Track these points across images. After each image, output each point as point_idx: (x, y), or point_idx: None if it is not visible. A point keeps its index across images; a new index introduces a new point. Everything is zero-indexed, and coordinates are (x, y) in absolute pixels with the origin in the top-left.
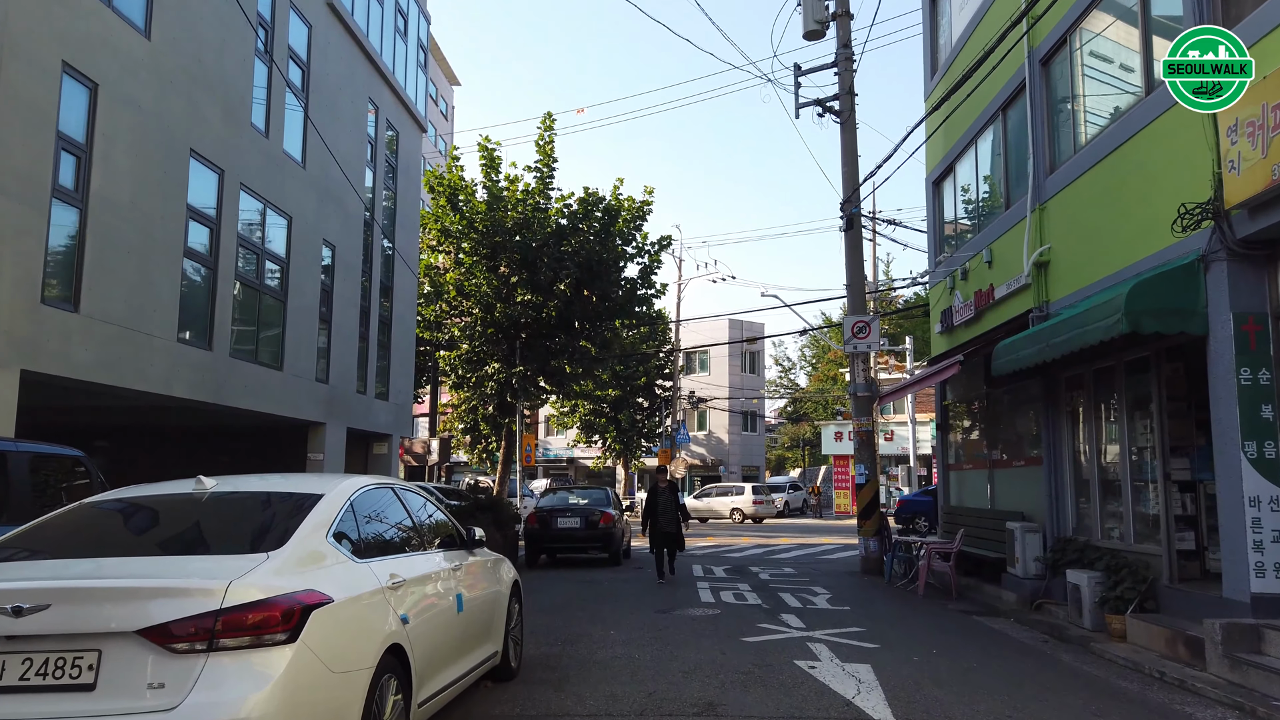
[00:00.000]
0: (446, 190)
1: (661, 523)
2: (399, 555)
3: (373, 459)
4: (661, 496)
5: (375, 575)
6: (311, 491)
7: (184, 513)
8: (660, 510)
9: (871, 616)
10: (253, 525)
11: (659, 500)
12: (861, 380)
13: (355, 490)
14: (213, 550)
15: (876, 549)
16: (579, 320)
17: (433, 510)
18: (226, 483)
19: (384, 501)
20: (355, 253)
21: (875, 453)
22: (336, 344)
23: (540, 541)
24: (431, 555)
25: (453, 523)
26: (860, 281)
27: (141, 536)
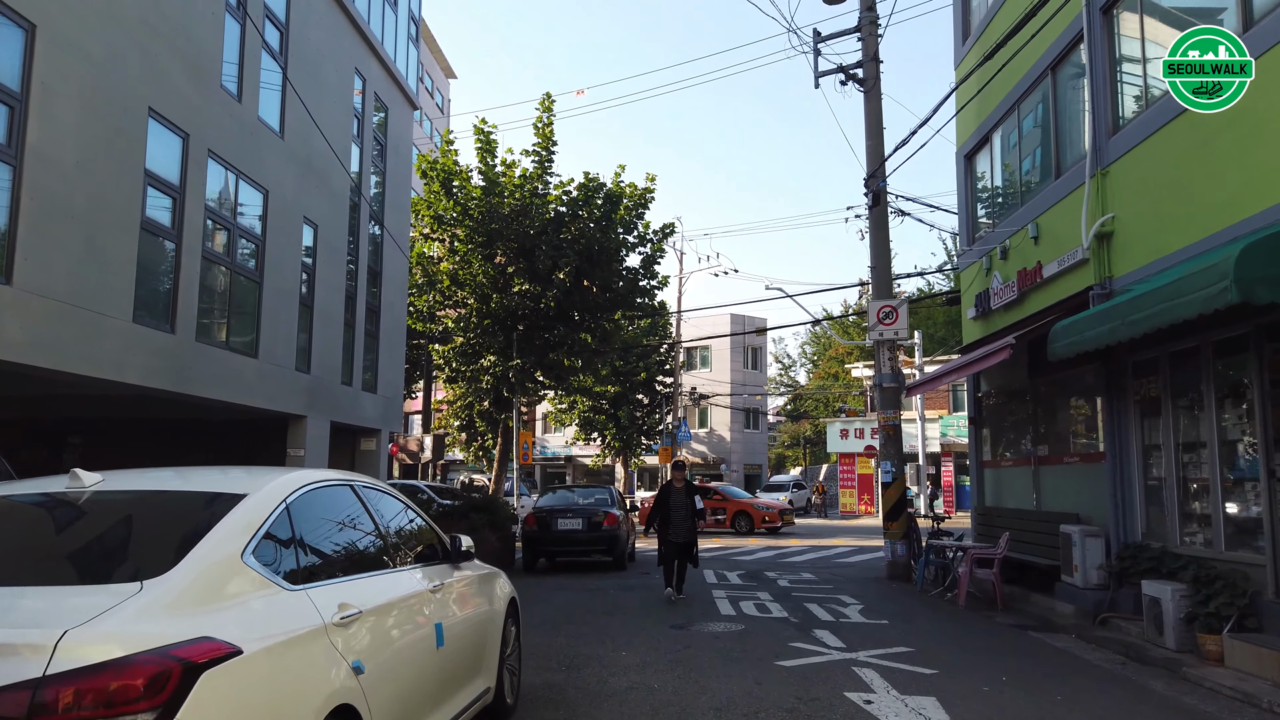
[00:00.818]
0: (440, 175)
1: (674, 531)
2: (356, 577)
3: (360, 455)
4: (675, 498)
5: (315, 608)
6: (231, 491)
7: (45, 522)
8: (673, 515)
9: (916, 633)
10: (137, 540)
11: (672, 503)
12: (888, 370)
13: (295, 489)
14: (66, 578)
15: (904, 553)
16: (578, 311)
17: (409, 516)
18: (116, 479)
19: (338, 505)
20: (340, 234)
21: (902, 448)
22: (319, 331)
23: (539, 544)
24: (403, 574)
25: (434, 530)
26: (886, 263)
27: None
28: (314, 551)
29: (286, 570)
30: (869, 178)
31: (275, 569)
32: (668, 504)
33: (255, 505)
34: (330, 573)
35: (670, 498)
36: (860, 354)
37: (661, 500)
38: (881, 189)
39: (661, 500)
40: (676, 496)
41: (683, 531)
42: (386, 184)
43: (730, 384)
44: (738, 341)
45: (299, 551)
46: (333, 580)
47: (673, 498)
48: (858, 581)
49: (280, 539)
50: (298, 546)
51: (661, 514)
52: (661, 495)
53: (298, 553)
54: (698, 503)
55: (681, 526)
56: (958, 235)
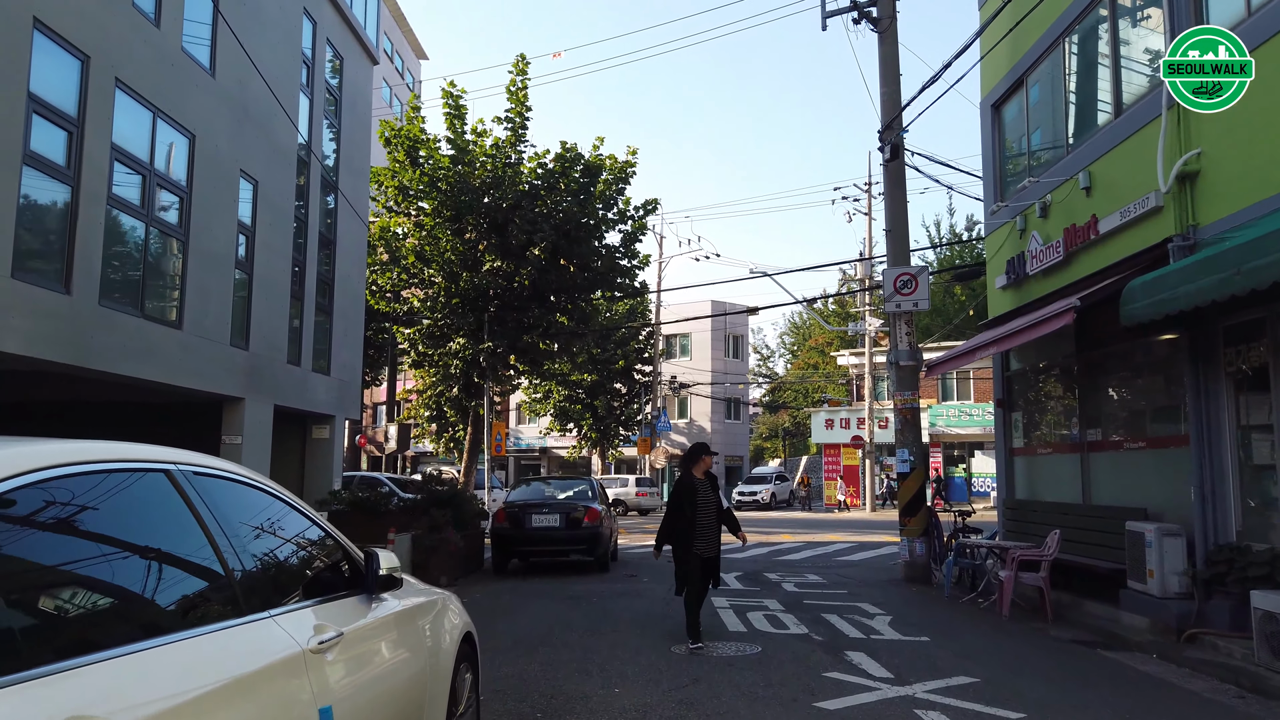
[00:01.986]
0: (405, 144)
1: (701, 542)
2: (123, 652)
3: (312, 444)
4: (701, 496)
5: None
6: None
7: None
8: (699, 519)
9: (969, 654)
10: None
11: (698, 501)
12: (905, 346)
13: (10, 476)
14: None
15: (924, 553)
16: (554, 292)
17: (291, 525)
18: None
19: (125, 509)
20: (286, 194)
21: (921, 434)
22: (260, 302)
23: (511, 544)
24: (256, 629)
25: (340, 545)
26: (903, 225)
27: None
28: (39, 611)
29: None
30: (884, 129)
31: None
32: (693, 504)
33: None
34: (61, 649)
35: (694, 496)
36: (841, 343)
37: (680, 500)
38: (899, 141)
39: (680, 500)
40: (703, 493)
41: (711, 542)
42: (341, 143)
43: (711, 373)
44: (718, 330)
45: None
46: (59, 668)
47: (699, 495)
48: (873, 585)
49: None
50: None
51: (679, 520)
52: (680, 493)
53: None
54: (726, 502)
55: (709, 535)
56: (984, 195)
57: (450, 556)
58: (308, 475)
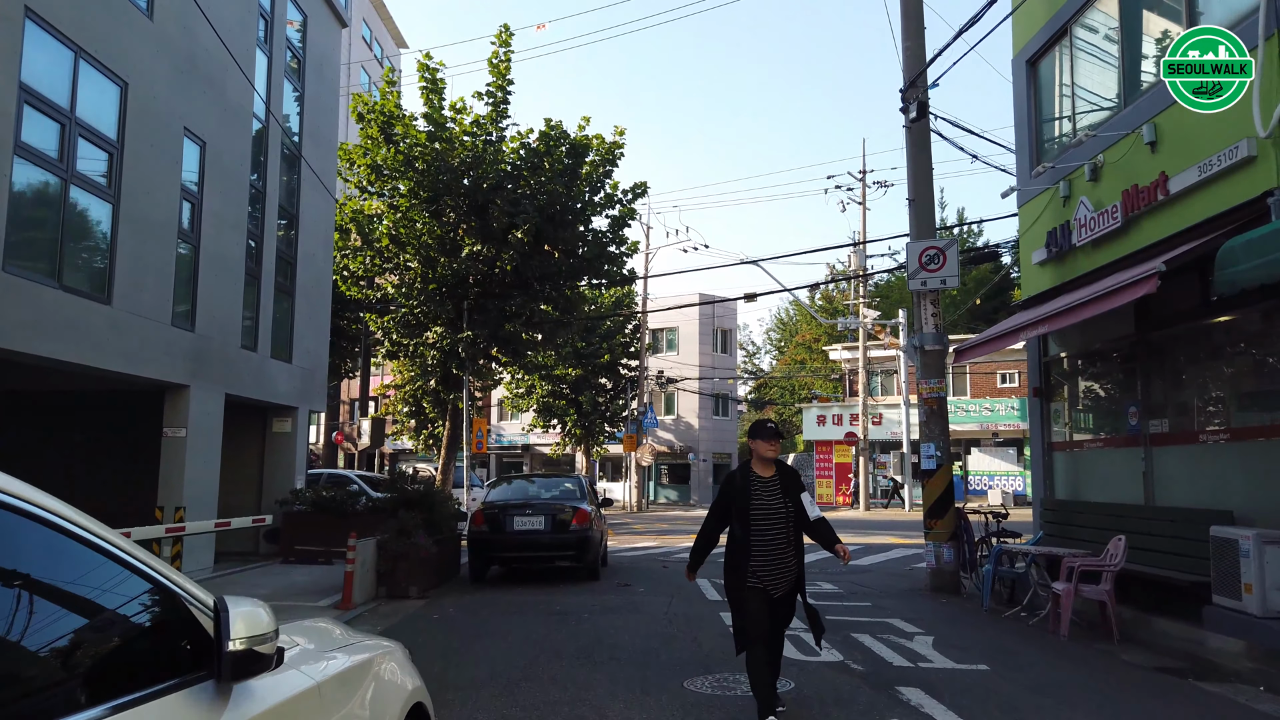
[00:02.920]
0: (379, 119)
1: (763, 569)
2: None
3: (271, 439)
4: (760, 500)
5: None
6: None
7: None
8: (756, 535)
9: (1046, 690)
10: None
11: (752, 508)
12: (931, 329)
13: None
14: None
15: (952, 559)
16: (538, 278)
17: (96, 573)
18: None
19: None
20: (240, 159)
21: (948, 427)
22: (209, 278)
23: (490, 549)
24: None
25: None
26: (928, 193)
27: None
28: None
29: None
30: (908, 87)
31: None
32: (746, 512)
33: None
34: None
35: (747, 500)
36: (829, 338)
37: (730, 504)
38: (926, 99)
39: (730, 504)
40: (761, 498)
41: (782, 571)
42: (305, 109)
43: (699, 367)
44: (706, 324)
45: None
46: None
47: (758, 499)
48: (897, 596)
49: None
50: None
51: (717, 531)
52: (729, 495)
53: None
54: (812, 508)
55: (777, 560)
56: (1016, 161)
57: (421, 564)
58: (267, 472)
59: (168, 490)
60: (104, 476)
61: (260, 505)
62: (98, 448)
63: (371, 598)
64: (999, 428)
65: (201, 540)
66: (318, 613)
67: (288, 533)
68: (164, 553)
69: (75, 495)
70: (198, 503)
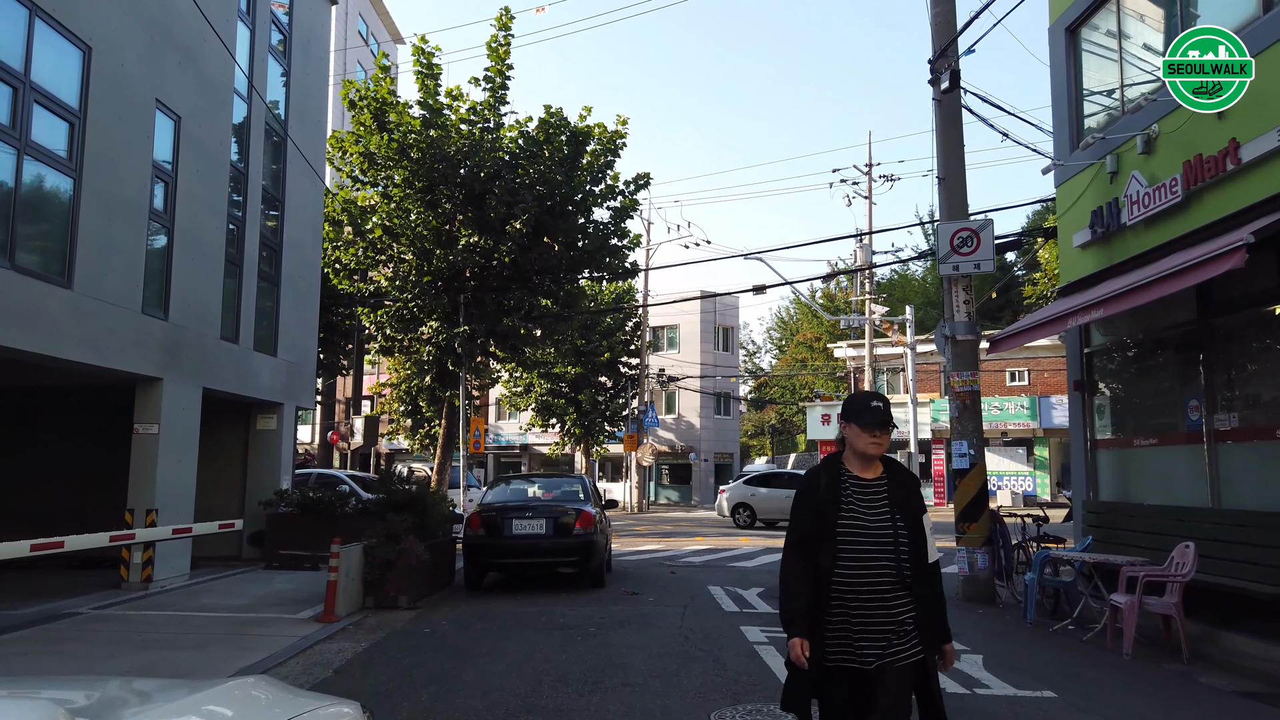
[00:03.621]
0: (372, 106)
1: (854, 625)
2: None
3: (255, 436)
4: (860, 512)
5: None
6: None
7: None
8: (854, 564)
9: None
10: None
11: (849, 522)
12: (963, 317)
13: None
14: None
15: (986, 566)
16: (537, 271)
17: None
18: None
19: None
20: (219, 137)
21: (981, 423)
22: (185, 263)
23: (487, 555)
24: None
25: None
26: (960, 171)
27: None
28: None
29: None
30: (937, 57)
31: None
32: (831, 533)
33: None
34: None
35: (843, 512)
36: (830, 337)
37: (809, 519)
38: (958, 68)
39: (809, 519)
40: (867, 508)
41: (890, 630)
42: (292, 90)
43: (700, 365)
44: (708, 321)
45: None
46: None
47: (854, 512)
48: None
49: None
50: None
51: (803, 562)
52: (814, 504)
53: None
54: (932, 541)
55: (885, 609)
56: (1054, 135)
57: (411, 572)
58: (251, 472)
59: (138, 491)
60: (78, 477)
61: (244, 507)
62: (71, 446)
63: (357, 608)
64: (1008, 427)
65: (177, 545)
66: (296, 626)
67: (272, 536)
68: (134, 559)
69: (45, 496)
70: (172, 505)
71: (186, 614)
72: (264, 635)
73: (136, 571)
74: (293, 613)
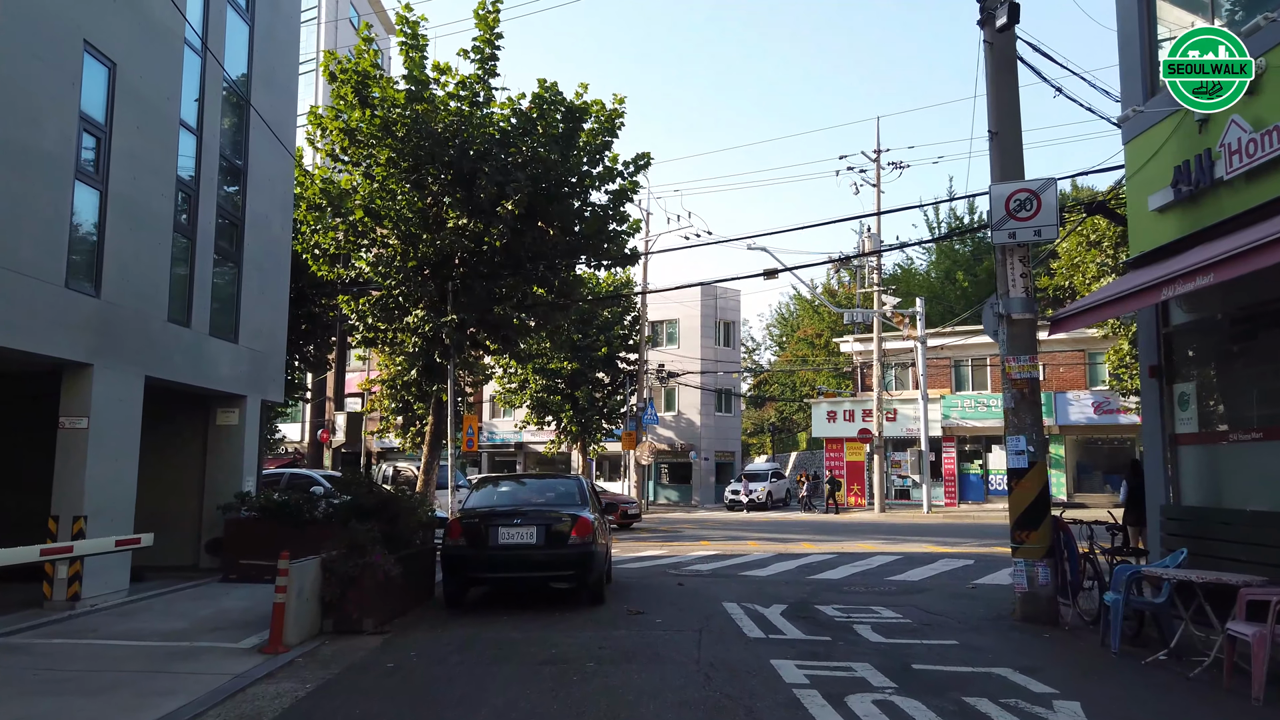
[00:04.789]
0: (353, 79)
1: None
2: None
3: (215, 433)
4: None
5: None
6: None
7: None
8: None
9: None
10: None
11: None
12: (1020, 292)
13: None
14: None
15: (1048, 581)
16: (530, 257)
17: None
18: None
19: None
20: (164, 92)
21: (1041, 415)
22: (121, 232)
23: (468, 569)
24: None
25: None
26: (1015, 123)
27: None
28: None
29: None
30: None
31: None
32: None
33: None
34: None
35: None
36: (832, 333)
37: None
38: (1014, 2)
39: None
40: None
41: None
42: (256, 47)
43: (701, 360)
44: (708, 316)
45: None
46: None
47: None
48: (983, 628)
49: None
50: None
51: None
52: None
53: None
54: None
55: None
56: (1122, 90)
57: (378, 590)
58: (210, 472)
59: (65, 495)
60: (10, 476)
61: (202, 511)
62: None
63: (313, 634)
64: None
65: (114, 556)
66: (233, 660)
67: (231, 544)
68: (58, 573)
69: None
70: (106, 511)
71: (107, 643)
72: (189, 673)
73: (62, 588)
74: (234, 640)
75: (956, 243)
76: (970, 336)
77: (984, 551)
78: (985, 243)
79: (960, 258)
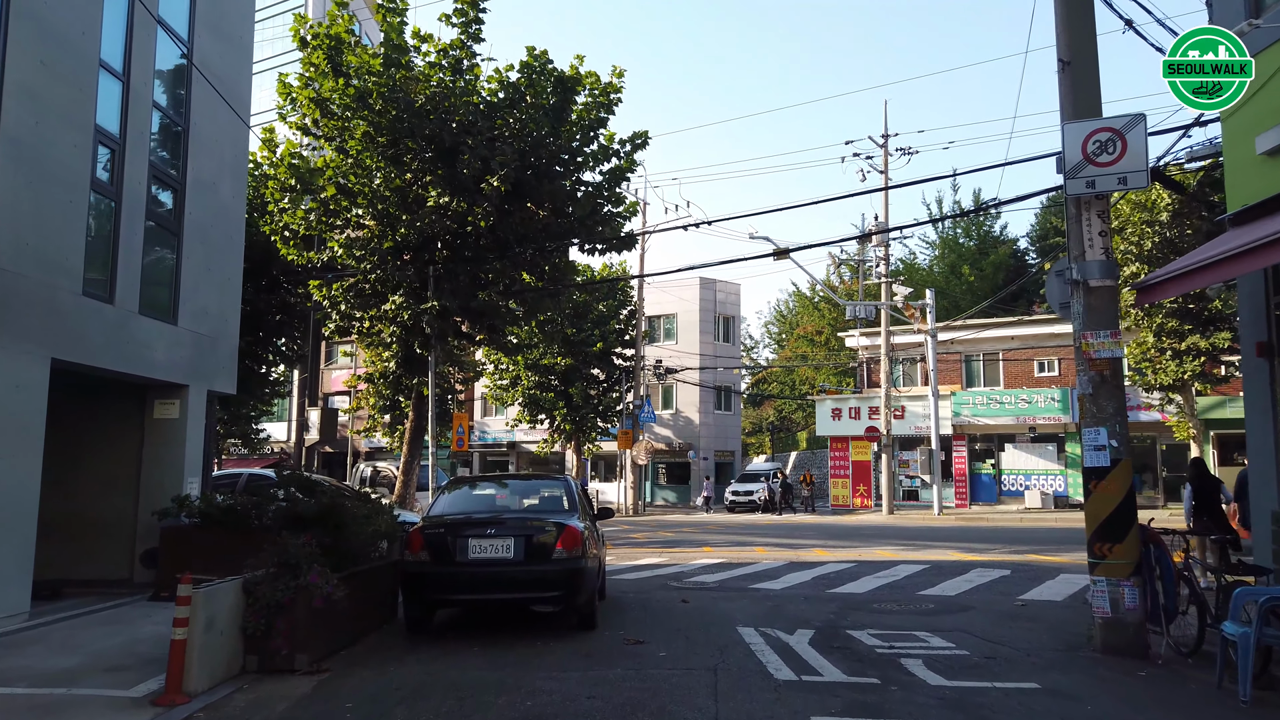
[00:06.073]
0: (325, 44)
1: None
2: None
3: (153, 427)
4: None
5: None
6: None
7: None
8: None
9: None
10: None
11: None
12: (1099, 254)
13: None
14: None
15: (1136, 605)
16: (518, 240)
17: None
18: None
19: None
20: (81, 27)
21: (1125, 403)
22: (14, 185)
23: (431, 589)
24: None
25: None
26: (1091, 48)
27: None
28: None
29: None
30: None
31: None
32: None
33: None
34: None
35: None
36: (831, 330)
37: None
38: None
39: None
40: None
41: None
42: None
43: (700, 356)
44: (708, 311)
45: None
46: None
47: None
48: (1059, 663)
49: None
50: None
51: None
52: None
53: None
54: None
55: None
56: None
57: (315, 618)
58: (147, 473)
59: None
60: None
61: (137, 515)
62: None
63: (230, 675)
64: (1037, 421)
65: (9, 573)
66: (114, 715)
67: (169, 556)
68: None
69: None
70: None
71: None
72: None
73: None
74: (127, 685)
75: (961, 236)
76: (982, 330)
77: (1018, 559)
78: (991, 236)
79: (966, 251)
